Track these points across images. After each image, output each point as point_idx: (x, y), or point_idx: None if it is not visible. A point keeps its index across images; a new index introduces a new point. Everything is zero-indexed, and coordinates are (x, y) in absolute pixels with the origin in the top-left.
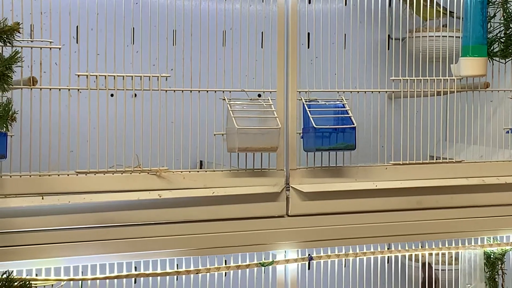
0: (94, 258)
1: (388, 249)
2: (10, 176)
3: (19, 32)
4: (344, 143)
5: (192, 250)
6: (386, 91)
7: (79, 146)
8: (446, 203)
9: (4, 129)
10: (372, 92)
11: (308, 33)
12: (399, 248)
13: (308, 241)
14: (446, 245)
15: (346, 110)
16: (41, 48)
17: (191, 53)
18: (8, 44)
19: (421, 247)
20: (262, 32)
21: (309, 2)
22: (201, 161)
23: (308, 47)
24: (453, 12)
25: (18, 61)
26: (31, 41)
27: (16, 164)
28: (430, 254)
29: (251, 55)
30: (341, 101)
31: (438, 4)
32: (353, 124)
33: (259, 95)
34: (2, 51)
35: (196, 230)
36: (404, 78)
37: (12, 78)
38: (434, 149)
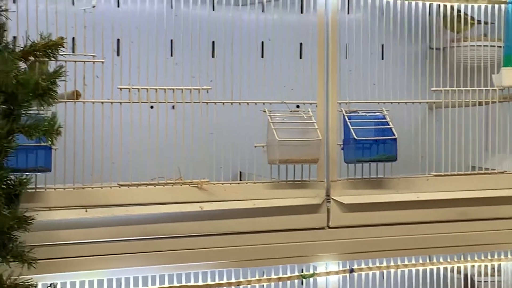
0: (137, 270)
1: (429, 261)
2: (55, 189)
3: (63, 47)
4: (385, 154)
5: (233, 262)
6: (427, 102)
7: (121, 158)
8: (488, 215)
9: (49, 143)
10: (413, 103)
11: (346, 44)
12: (441, 260)
13: (349, 253)
14: (489, 257)
15: (386, 121)
16: (84, 62)
17: (232, 64)
18: (52, 58)
19: (463, 259)
20: (300, 43)
21: (348, 13)
22: (240, 172)
23: (346, 58)
24: (484, 21)
25: (62, 76)
26: (75, 55)
27: (60, 177)
28: (473, 266)
29: (289, 66)
30: (382, 112)
31: (472, 17)
32: (394, 136)
33: (298, 106)
34: (47, 65)
35: (238, 242)
36: (445, 88)
37: (57, 93)
38: (476, 159)
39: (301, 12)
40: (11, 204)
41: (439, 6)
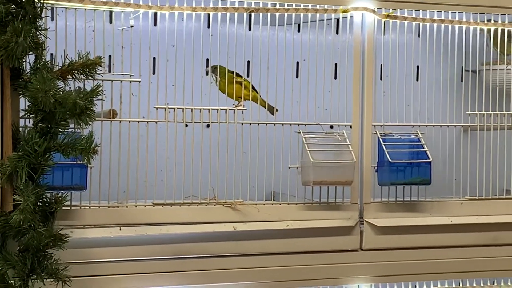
0: None
1: (461, 285)
2: (89, 207)
3: (101, 66)
4: (419, 177)
5: (265, 283)
6: (462, 125)
7: (156, 177)
8: None
9: (86, 162)
10: (448, 126)
11: (381, 65)
12: (474, 284)
13: (382, 275)
14: None
15: (421, 144)
16: (121, 81)
17: (267, 84)
18: (90, 77)
19: (496, 283)
20: (335, 64)
21: (383, 34)
22: (273, 192)
23: (381, 79)
24: None
25: (100, 95)
26: (112, 74)
27: (95, 194)
28: None
29: (324, 87)
30: (416, 135)
31: None
32: (429, 159)
33: (331, 127)
34: (84, 84)
35: (270, 262)
36: (480, 112)
37: (94, 112)
38: (511, 182)
39: (337, 33)
40: (46, 222)
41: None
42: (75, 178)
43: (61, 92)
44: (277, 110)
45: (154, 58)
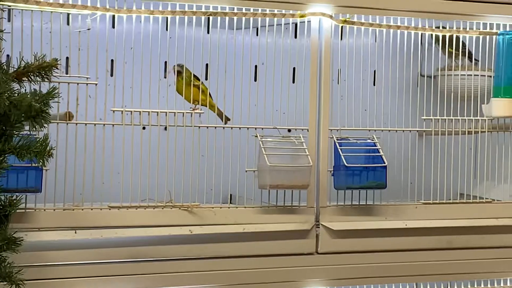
0: None
1: None
2: (44, 210)
3: (57, 68)
4: (374, 181)
5: (221, 286)
6: (418, 130)
7: (112, 180)
8: (476, 243)
9: (41, 165)
10: (403, 131)
11: (338, 69)
12: None
13: (337, 279)
14: (475, 286)
15: (377, 148)
16: (78, 84)
17: (224, 87)
18: (46, 80)
19: (449, 287)
20: (293, 68)
21: (341, 38)
22: (231, 195)
23: (338, 83)
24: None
25: (56, 97)
26: (68, 76)
27: (50, 197)
28: None
29: (282, 90)
30: (372, 140)
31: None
32: (384, 163)
33: (289, 130)
34: (40, 86)
35: (226, 266)
36: (435, 117)
37: (50, 114)
38: (465, 186)
39: (295, 37)
40: (0, 225)
41: (431, 35)
42: (30, 181)
43: (16, 94)
44: (228, 119)
45: (112, 61)
